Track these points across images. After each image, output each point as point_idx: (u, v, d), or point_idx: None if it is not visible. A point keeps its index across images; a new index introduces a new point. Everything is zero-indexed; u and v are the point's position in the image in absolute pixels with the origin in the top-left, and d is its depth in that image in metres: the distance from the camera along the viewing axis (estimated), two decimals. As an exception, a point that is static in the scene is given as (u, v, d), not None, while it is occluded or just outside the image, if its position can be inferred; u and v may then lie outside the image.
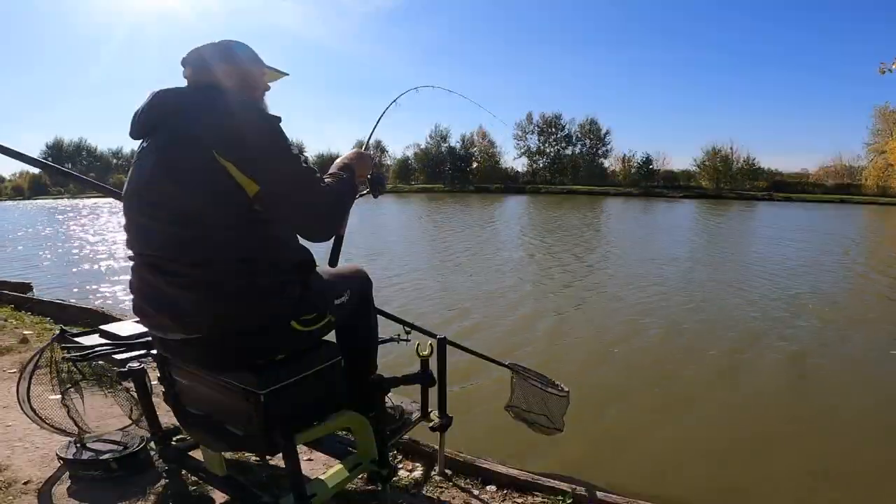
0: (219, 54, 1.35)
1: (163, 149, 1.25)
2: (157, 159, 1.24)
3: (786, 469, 2.94)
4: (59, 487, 1.90)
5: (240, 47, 1.39)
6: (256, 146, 1.20)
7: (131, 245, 1.32)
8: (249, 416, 1.28)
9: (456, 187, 48.02)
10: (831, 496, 2.73)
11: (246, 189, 1.19)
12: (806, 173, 48.39)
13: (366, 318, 1.67)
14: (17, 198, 60.73)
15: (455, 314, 6.22)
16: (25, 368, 2.16)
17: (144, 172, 1.27)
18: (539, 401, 2.29)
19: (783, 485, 2.79)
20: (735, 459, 3.05)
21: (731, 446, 3.20)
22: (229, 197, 1.19)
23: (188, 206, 1.20)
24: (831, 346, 5.17)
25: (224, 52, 1.36)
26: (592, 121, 53.57)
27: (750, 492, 2.74)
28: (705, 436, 3.35)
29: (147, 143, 1.31)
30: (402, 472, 2.13)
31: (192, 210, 1.20)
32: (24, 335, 3.71)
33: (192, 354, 1.32)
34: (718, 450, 3.17)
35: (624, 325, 5.75)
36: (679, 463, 3.01)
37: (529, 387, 2.30)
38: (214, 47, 1.36)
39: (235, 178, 1.18)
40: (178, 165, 1.20)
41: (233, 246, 1.22)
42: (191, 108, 1.24)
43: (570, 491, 1.99)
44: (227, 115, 1.22)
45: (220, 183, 1.18)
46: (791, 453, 3.11)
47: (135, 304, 1.34)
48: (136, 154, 1.34)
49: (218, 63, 1.34)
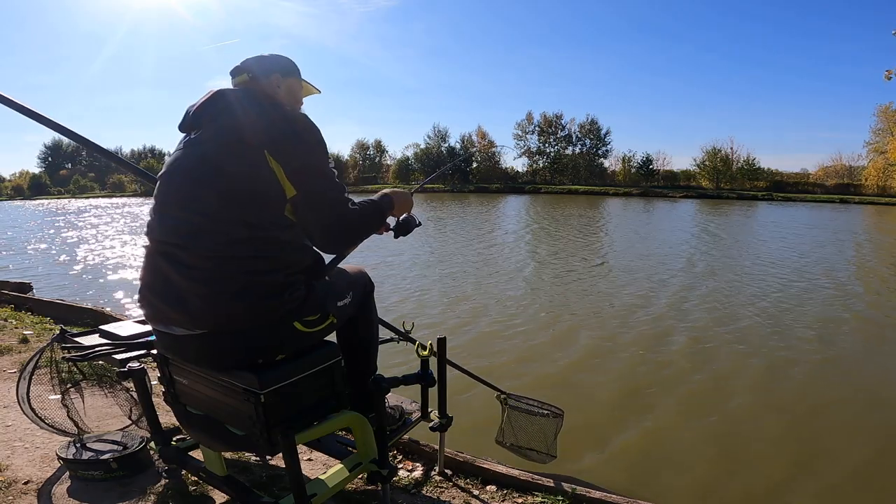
0: (274, 66, 1.47)
1: (214, 141, 1.28)
2: (206, 150, 1.28)
3: (788, 472, 2.94)
4: (59, 487, 1.90)
5: (289, 61, 1.51)
6: (303, 154, 1.27)
7: (153, 231, 1.33)
8: (249, 416, 1.28)
9: (456, 187, 48.01)
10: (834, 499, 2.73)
11: (286, 191, 1.25)
12: (806, 173, 48.44)
13: (367, 319, 1.67)
14: (18, 198, 60.73)
15: (457, 319, 6.21)
16: (25, 368, 2.16)
17: (190, 161, 1.30)
18: (532, 427, 2.28)
19: (785, 487, 2.79)
20: (736, 461, 3.05)
21: (733, 448, 3.19)
22: (269, 196, 1.24)
23: (228, 199, 1.22)
24: (850, 344, 5.18)
25: (278, 65, 1.48)
26: (593, 121, 53.68)
27: (751, 494, 2.74)
28: (706, 437, 3.35)
29: (196, 134, 1.34)
30: (402, 472, 2.13)
31: (230, 203, 1.22)
32: (24, 335, 3.71)
33: (194, 351, 1.32)
34: (719, 451, 3.17)
35: (626, 326, 5.75)
36: (679, 463, 3.01)
37: (521, 415, 2.29)
38: (271, 59, 1.47)
39: (279, 180, 1.24)
40: (228, 158, 1.24)
41: (256, 243, 1.24)
42: (247, 108, 1.29)
43: (570, 491, 1.99)
44: (281, 120, 1.29)
45: (265, 181, 1.23)
46: (793, 457, 3.11)
47: (141, 295, 1.34)
48: (183, 143, 1.37)
49: (274, 74, 1.46)
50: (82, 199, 48.35)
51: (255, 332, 1.26)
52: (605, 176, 51.90)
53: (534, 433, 2.28)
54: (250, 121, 1.27)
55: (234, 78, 1.46)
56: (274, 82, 1.45)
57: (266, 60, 1.46)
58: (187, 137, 1.37)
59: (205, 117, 1.33)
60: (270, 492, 1.89)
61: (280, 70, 1.47)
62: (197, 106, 1.35)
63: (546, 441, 2.28)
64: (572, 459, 2.93)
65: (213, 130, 1.30)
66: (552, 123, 54.65)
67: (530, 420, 2.28)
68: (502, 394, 2.38)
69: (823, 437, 3.35)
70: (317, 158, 1.29)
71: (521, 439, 2.28)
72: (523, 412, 2.29)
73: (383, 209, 1.48)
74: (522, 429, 2.28)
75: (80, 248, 13.09)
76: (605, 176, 51.90)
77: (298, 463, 1.34)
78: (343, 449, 1.87)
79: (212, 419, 1.43)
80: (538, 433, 2.28)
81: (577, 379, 4.29)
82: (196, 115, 1.35)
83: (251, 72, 1.44)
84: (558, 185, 48.40)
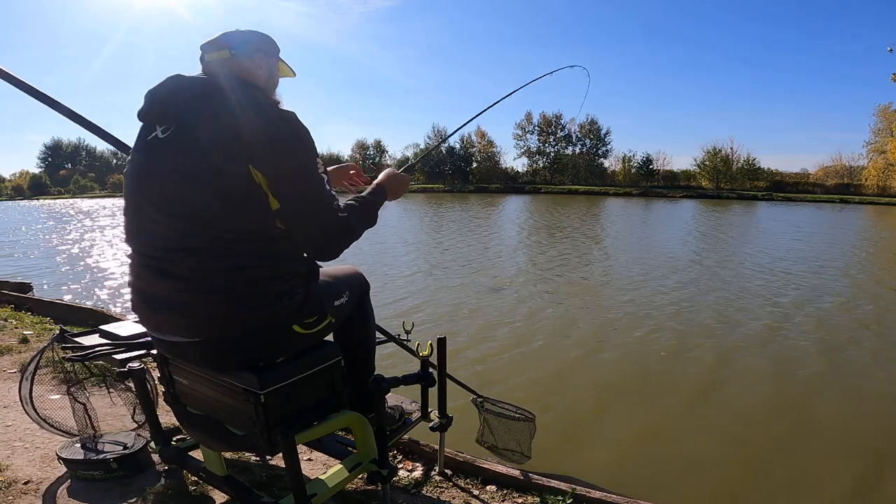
0: (259, 45, 1.36)
1: (194, 149, 1.17)
2: (186, 159, 1.17)
3: (789, 476, 2.92)
4: (59, 487, 1.90)
5: (272, 41, 1.41)
6: (288, 163, 1.18)
7: (132, 237, 1.27)
8: (249, 417, 1.28)
9: (456, 187, 48.02)
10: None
11: (271, 204, 1.19)
12: (806, 173, 48.46)
13: (364, 319, 1.67)
14: (18, 198, 60.74)
15: (458, 318, 6.21)
16: (27, 369, 2.16)
17: (167, 166, 1.19)
18: (507, 431, 2.32)
19: (783, 492, 2.78)
20: (737, 462, 3.04)
21: (733, 450, 3.18)
22: (256, 208, 1.17)
23: (212, 211, 1.15)
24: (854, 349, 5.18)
25: (263, 43, 1.37)
26: (592, 121, 53.70)
27: (751, 497, 2.74)
28: (707, 438, 3.34)
29: (171, 133, 1.22)
30: (402, 472, 2.13)
31: (214, 215, 1.16)
32: (25, 335, 3.71)
33: (193, 355, 1.31)
34: (721, 452, 3.16)
35: (625, 326, 5.75)
36: (680, 464, 3.01)
37: (495, 418, 2.32)
38: (255, 37, 1.36)
39: (266, 192, 1.17)
40: (211, 170, 1.15)
41: (246, 254, 1.19)
42: (231, 109, 1.18)
43: (570, 491, 1.98)
44: (268, 123, 1.18)
45: (251, 194, 1.16)
46: (796, 462, 3.10)
47: (134, 303, 1.31)
48: (153, 142, 1.24)
49: (258, 54, 1.35)
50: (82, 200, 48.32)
51: (254, 338, 1.26)
52: (605, 176, 51.95)
53: (509, 435, 2.31)
54: (229, 124, 1.16)
55: (210, 52, 1.31)
56: (257, 62, 1.34)
57: (250, 37, 1.34)
58: (163, 131, 1.23)
59: (175, 112, 1.21)
60: (270, 492, 1.88)
61: (264, 50, 1.37)
62: (164, 95, 1.23)
63: (521, 444, 2.31)
64: (572, 459, 2.93)
65: (191, 134, 1.18)
66: (552, 123, 54.70)
67: (505, 424, 2.32)
68: (478, 397, 2.40)
69: (825, 439, 3.35)
70: (300, 166, 1.20)
71: (499, 441, 2.32)
72: (497, 415, 2.32)
73: (376, 204, 1.41)
74: (499, 431, 2.32)
75: (80, 248, 13.08)
76: (605, 176, 51.95)
77: (298, 463, 1.34)
78: (343, 449, 1.87)
79: (212, 419, 1.42)
80: (514, 435, 2.31)
81: (578, 379, 4.29)
82: (165, 106, 1.23)
83: (234, 49, 1.30)
84: (558, 185, 48.39)
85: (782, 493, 2.75)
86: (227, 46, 1.30)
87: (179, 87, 1.24)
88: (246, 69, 1.32)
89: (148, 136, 1.26)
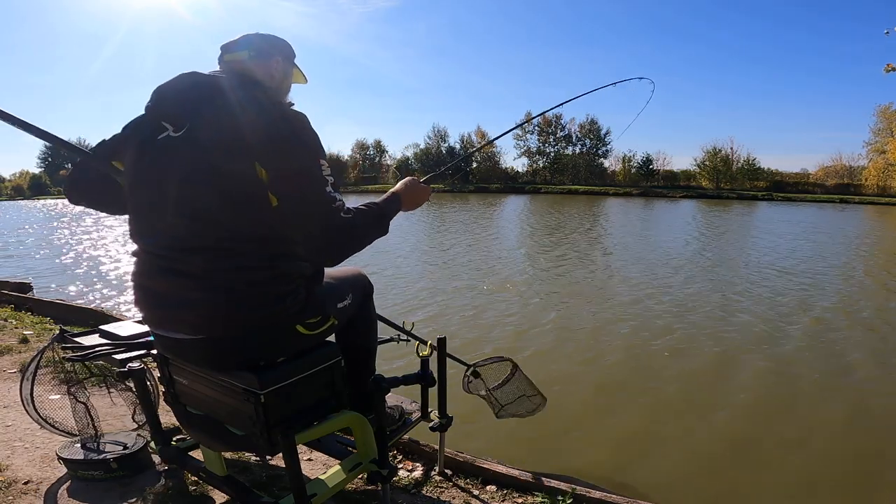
0: (279, 48, 1.41)
1: (203, 147, 1.18)
2: (195, 156, 1.18)
3: (789, 476, 2.93)
4: (60, 487, 1.90)
5: (290, 46, 1.45)
6: (288, 163, 1.18)
7: (141, 236, 1.28)
8: (249, 416, 1.28)
9: (456, 187, 48.02)
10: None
11: (271, 202, 1.18)
12: (806, 173, 48.45)
13: (366, 320, 1.67)
14: (18, 197, 60.74)
15: (457, 319, 6.21)
16: (27, 369, 2.16)
17: (175, 164, 1.20)
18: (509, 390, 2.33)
19: (784, 492, 2.78)
20: (739, 462, 3.04)
21: (734, 450, 3.19)
22: (261, 210, 1.18)
23: (218, 209, 1.17)
24: (854, 348, 5.18)
25: (282, 47, 1.42)
26: (592, 121, 53.68)
27: (752, 497, 2.73)
28: (708, 439, 3.34)
29: (184, 132, 1.21)
30: (402, 472, 2.13)
31: (219, 212, 1.17)
32: (25, 335, 3.71)
33: (194, 354, 1.31)
34: (722, 452, 3.17)
35: (626, 326, 5.75)
36: (681, 464, 3.01)
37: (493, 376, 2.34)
38: (275, 40, 1.41)
39: (268, 190, 1.17)
40: (218, 168, 1.16)
41: (251, 254, 1.20)
42: (244, 103, 1.19)
43: (570, 491, 1.98)
44: (269, 123, 1.18)
45: (256, 196, 1.17)
46: (797, 462, 3.10)
47: (137, 299, 1.32)
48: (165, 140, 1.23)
49: (276, 57, 1.40)
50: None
51: (256, 337, 1.26)
52: (605, 176, 51.93)
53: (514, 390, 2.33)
54: (238, 124, 1.17)
55: (230, 53, 1.35)
56: (274, 65, 1.39)
57: (271, 41, 1.39)
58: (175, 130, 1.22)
59: (196, 106, 1.21)
60: (270, 492, 1.89)
61: (282, 54, 1.41)
62: (180, 90, 1.23)
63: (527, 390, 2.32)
64: (572, 459, 2.93)
65: (201, 132, 1.19)
66: (552, 123, 54.67)
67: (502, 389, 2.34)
68: (469, 366, 2.41)
69: (826, 440, 3.35)
70: (303, 167, 1.19)
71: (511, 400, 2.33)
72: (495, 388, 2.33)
73: (388, 213, 1.38)
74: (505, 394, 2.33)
75: (80, 248, 13.09)
76: (605, 176, 51.93)
77: (298, 463, 1.34)
78: (343, 449, 1.87)
79: (212, 419, 1.42)
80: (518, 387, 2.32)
81: (579, 378, 4.29)
82: (178, 101, 1.23)
83: (255, 50, 1.35)
84: (558, 185, 48.40)
85: (783, 494, 2.75)
86: (248, 47, 1.35)
87: (195, 84, 1.24)
88: (261, 71, 1.36)
89: (158, 135, 1.25)
